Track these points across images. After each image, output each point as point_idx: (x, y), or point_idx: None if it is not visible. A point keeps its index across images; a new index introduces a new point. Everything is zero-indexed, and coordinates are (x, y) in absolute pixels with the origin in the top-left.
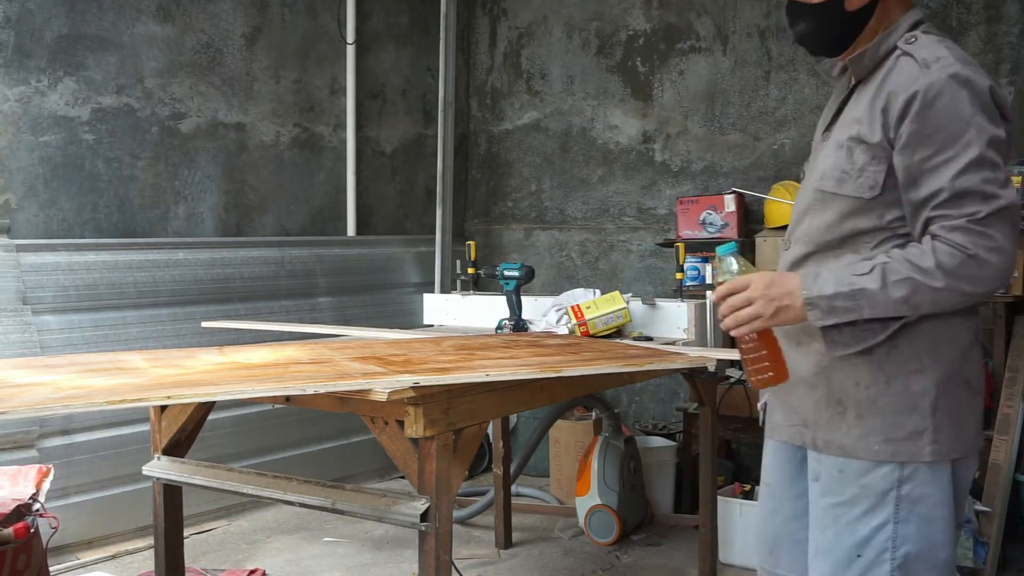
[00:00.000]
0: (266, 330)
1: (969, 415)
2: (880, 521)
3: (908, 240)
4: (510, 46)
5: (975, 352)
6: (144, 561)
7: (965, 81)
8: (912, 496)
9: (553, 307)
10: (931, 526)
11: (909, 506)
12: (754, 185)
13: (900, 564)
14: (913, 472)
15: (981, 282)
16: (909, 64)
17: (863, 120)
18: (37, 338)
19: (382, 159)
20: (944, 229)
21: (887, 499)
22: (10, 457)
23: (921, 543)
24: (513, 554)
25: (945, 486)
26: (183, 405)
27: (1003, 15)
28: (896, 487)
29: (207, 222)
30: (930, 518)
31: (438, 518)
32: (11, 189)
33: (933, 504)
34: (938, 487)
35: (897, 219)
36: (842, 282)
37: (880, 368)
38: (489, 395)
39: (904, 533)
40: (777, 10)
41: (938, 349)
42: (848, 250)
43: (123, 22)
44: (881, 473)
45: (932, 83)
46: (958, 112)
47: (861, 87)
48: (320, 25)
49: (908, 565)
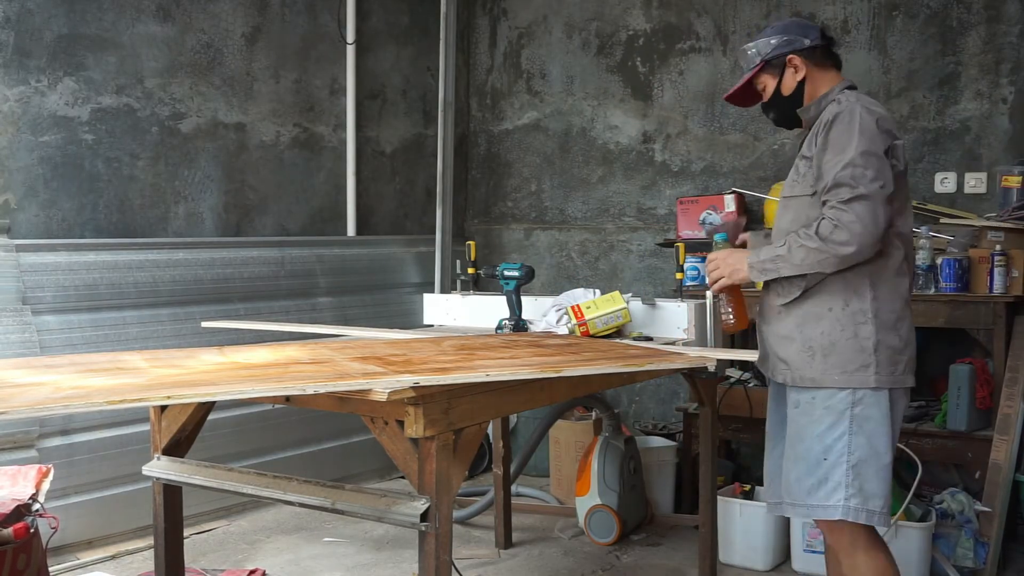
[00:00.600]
0: (266, 330)
1: (900, 360)
2: (839, 433)
3: None
4: (510, 46)
5: (908, 319)
6: (144, 561)
7: (859, 112)
8: (862, 415)
9: (553, 307)
10: (875, 438)
11: (860, 423)
12: (754, 185)
13: (854, 465)
14: (862, 397)
15: (846, 245)
16: (833, 105)
17: (808, 144)
18: (37, 338)
19: (382, 159)
20: (826, 208)
21: (844, 416)
22: (10, 457)
23: (868, 450)
24: (513, 554)
25: (885, 409)
26: (183, 405)
27: (1003, 15)
28: (850, 407)
29: (207, 222)
30: (874, 432)
31: (438, 518)
32: (11, 189)
33: (876, 422)
34: (879, 409)
35: None
36: (769, 253)
37: (837, 321)
38: (489, 395)
39: (856, 443)
40: (777, 10)
41: (879, 307)
42: None
43: (123, 22)
44: (840, 397)
45: (840, 112)
46: (848, 131)
47: (811, 129)
48: (320, 25)
49: (859, 466)
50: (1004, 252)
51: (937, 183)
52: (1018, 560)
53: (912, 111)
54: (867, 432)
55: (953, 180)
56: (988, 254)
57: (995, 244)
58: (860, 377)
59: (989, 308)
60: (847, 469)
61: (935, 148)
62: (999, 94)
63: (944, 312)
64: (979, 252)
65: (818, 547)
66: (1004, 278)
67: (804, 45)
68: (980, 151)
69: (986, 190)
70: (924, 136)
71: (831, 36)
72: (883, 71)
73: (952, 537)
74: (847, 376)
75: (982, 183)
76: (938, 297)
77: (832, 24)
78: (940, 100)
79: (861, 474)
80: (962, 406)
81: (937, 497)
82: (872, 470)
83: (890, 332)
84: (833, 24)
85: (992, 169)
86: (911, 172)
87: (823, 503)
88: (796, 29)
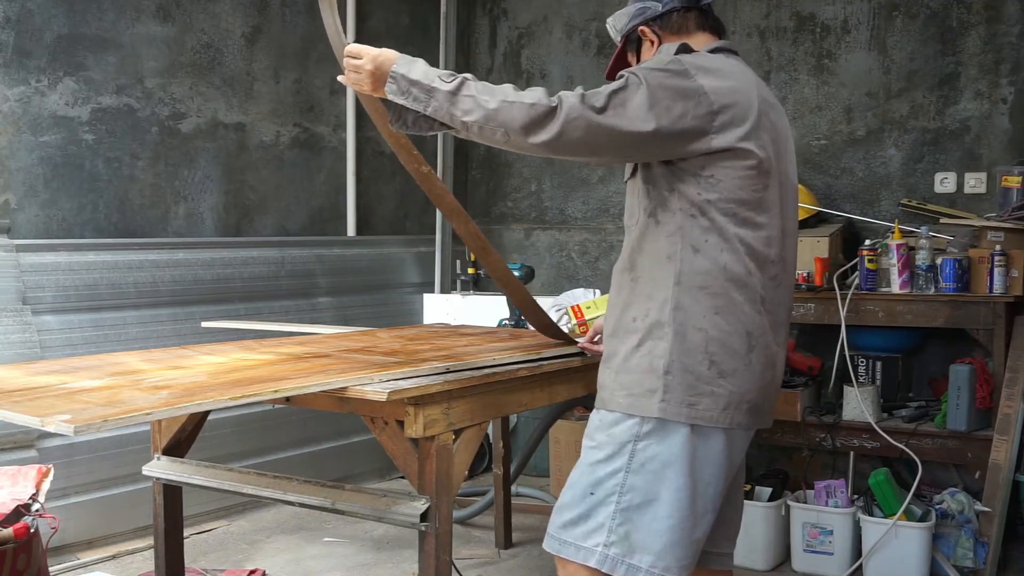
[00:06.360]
0: (266, 330)
1: (712, 392)
2: (614, 468)
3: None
4: (510, 46)
5: (736, 342)
6: (144, 561)
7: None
8: (646, 452)
9: (553, 307)
10: (659, 484)
11: (641, 460)
12: None
13: (624, 508)
14: (650, 430)
15: (539, 119)
16: None
17: None
18: (37, 338)
19: (382, 159)
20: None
21: (624, 450)
22: (10, 457)
23: (645, 496)
24: (513, 554)
25: (677, 450)
26: None
27: (1003, 15)
28: (634, 440)
29: (207, 222)
30: (659, 476)
31: (438, 518)
32: (11, 189)
33: (662, 464)
34: (670, 449)
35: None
36: (428, 75)
37: (636, 332)
38: (489, 395)
39: (632, 483)
40: (777, 10)
41: (683, 323)
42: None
43: (123, 22)
44: (626, 426)
45: None
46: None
47: None
48: (320, 25)
49: (631, 511)
50: (1004, 252)
51: (937, 183)
52: (1018, 560)
53: (912, 111)
54: (649, 473)
55: (953, 180)
56: (988, 254)
57: (995, 244)
58: (643, 403)
59: (989, 308)
60: (615, 511)
61: (935, 148)
62: (999, 94)
63: (944, 312)
64: (979, 252)
65: (818, 547)
66: (1004, 278)
67: (657, 12)
68: (980, 151)
69: (986, 190)
70: (924, 136)
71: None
72: (883, 71)
73: (952, 537)
74: (631, 400)
75: (982, 183)
76: (938, 297)
77: (832, 24)
78: (940, 100)
79: (631, 520)
80: (962, 406)
81: (937, 497)
82: (647, 520)
83: (697, 354)
84: (833, 24)
85: (992, 169)
86: (911, 172)
87: (578, 542)
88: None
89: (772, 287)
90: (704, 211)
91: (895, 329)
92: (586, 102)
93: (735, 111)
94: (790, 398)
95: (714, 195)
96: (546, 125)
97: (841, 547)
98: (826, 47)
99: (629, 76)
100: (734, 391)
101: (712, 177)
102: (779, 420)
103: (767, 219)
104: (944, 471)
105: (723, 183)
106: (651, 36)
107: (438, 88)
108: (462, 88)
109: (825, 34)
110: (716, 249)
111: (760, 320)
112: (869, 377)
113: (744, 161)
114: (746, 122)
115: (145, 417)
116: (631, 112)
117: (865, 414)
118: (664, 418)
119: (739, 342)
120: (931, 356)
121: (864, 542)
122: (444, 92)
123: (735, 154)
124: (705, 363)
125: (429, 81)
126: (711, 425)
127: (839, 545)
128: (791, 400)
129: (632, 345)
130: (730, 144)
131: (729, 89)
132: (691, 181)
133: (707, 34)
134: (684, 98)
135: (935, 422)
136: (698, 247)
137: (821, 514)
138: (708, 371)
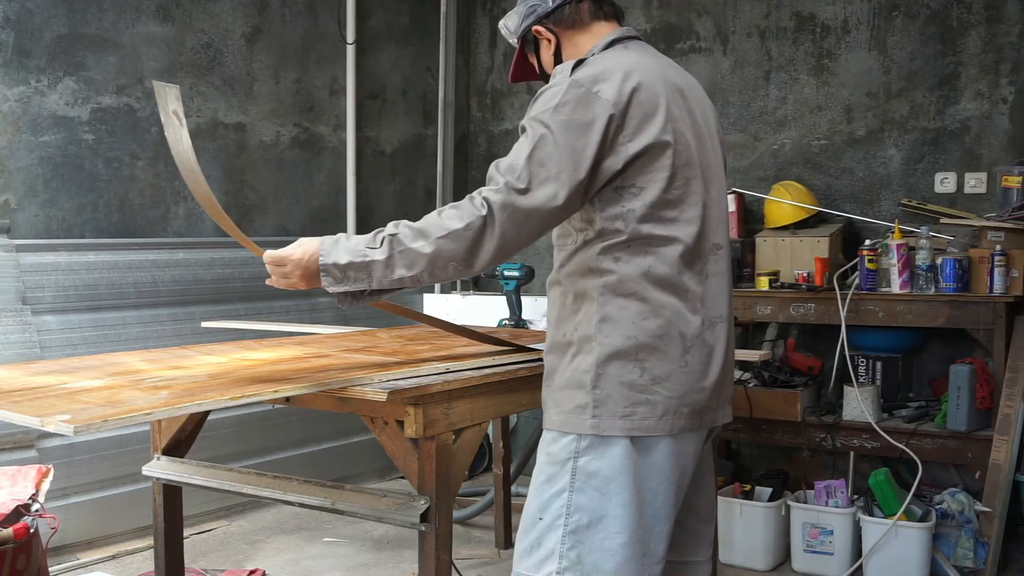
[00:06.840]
0: (266, 330)
1: (647, 401)
2: (558, 488)
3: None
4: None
5: (668, 345)
6: (144, 561)
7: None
8: (587, 469)
9: None
10: (605, 501)
11: (584, 478)
12: (754, 185)
13: (572, 531)
14: (588, 446)
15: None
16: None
17: None
18: (37, 338)
19: (382, 159)
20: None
21: (565, 468)
22: (10, 457)
23: (593, 515)
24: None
25: (618, 463)
26: None
27: (1003, 15)
28: (573, 458)
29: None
30: (604, 492)
31: (438, 518)
32: (11, 189)
33: (605, 479)
34: (609, 463)
35: None
36: (358, 245)
37: (569, 348)
38: (489, 395)
39: (578, 502)
40: (777, 10)
41: (611, 334)
42: None
43: (123, 22)
44: (563, 443)
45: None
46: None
47: None
48: (320, 25)
49: (580, 533)
50: (1004, 252)
51: (937, 183)
52: (1018, 560)
53: (912, 111)
54: (594, 490)
55: (953, 180)
56: (988, 254)
57: (995, 244)
58: (575, 420)
59: (989, 308)
60: (564, 535)
61: (935, 148)
62: (999, 94)
63: (944, 312)
64: (979, 252)
65: (818, 547)
66: (1004, 278)
67: (548, 8)
68: (980, 151)
69: (986, 190)
70: (924, 136)
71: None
72: (883, 71)
73: (952, 537)
74: (564, 417)
75: (982, 183)
76: (938, 297)
77: (832, 24)
78: (940, 100)
79: (582, 543)
80: (962, 406)
81: (937, 497)
82: (598, 539)
83: (622, 364)
84: (833, 24)
85: (992, 169)
86: (911, 172)
87: (530, 574)
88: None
89: (704, 281)
90: (626, 220)
91: (895, 329)
92: (509, 188)
93: (644, 108)
94: (790, 398)
95: (637, 204)
96: (487, 235)
97: (841, 547)
98: (826, 47)
99: (531, 129)
100: (671, 396)
101: (633, 187)
102: (779, 420)
103: (693, 213)
104: (944, 471)
105: (645, 190)
106: (546, 35)
107: (372, 259)
108: (394, 246)
109: (825, 34)
110: (640, 254)
111: (694, 319)
112: (869, 377)
113: (662, 158)
114: (656, 115)
115: (145, 417)
116: (552, 171)
117: (865, 414)
118: (598, 434)
119: (672, 345)
120: (931, 356)
121: (864, 542)
122: (380, 262)
123: (653, 152)
124: (637, 371)
125: (360, 257)
126: (650, 435)
127: (839, 545)
128: (791, 400)
129: (566, 361)
130: (646, 144)
131: (631, 88)
132: (612, 196)
133: (604, 22)
134: (592, 124)
135: (935, 422)
136: (620, 256)
137: (821, 514)
138: (641, 379)
